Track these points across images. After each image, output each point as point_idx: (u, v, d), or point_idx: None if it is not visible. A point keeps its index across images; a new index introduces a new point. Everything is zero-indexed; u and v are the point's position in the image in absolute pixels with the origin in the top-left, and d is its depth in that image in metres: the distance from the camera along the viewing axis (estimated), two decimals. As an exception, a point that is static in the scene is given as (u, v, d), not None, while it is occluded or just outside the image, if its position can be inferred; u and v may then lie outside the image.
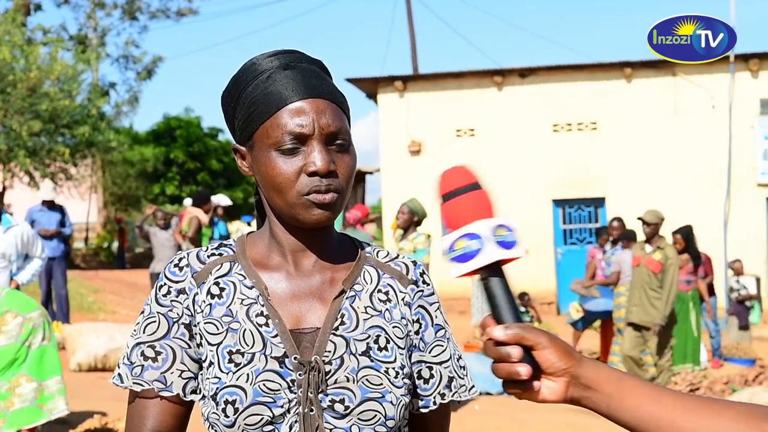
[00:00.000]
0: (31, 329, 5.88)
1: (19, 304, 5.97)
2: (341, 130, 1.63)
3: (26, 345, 5.86)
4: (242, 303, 1.64)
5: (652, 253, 9.01)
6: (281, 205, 1.63)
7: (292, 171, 1.60)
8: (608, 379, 1.36)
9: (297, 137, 1.60)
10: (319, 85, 1.64)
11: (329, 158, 1.60)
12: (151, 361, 1.62)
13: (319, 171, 1.59)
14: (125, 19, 37.76)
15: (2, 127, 22.42)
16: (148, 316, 1.66)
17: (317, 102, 1.62)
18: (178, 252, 1.76)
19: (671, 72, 19.69)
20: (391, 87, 21.00)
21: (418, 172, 20.65)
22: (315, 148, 1.60)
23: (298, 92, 1.61)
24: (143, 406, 1.63)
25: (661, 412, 1.32)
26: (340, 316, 1.65)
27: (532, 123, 20.34)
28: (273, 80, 1.63)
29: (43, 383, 5.92)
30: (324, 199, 1.60)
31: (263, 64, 1.66)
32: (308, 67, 1.67)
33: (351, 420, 1.58)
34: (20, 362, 5.84)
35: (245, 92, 1.65)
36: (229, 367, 1.58)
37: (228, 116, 1.72)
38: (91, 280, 20.05)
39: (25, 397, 5.84)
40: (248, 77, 1.66)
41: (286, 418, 1.57)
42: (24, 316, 5.89)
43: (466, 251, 1.40)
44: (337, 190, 1.62)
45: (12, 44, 22.35)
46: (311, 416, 1.57)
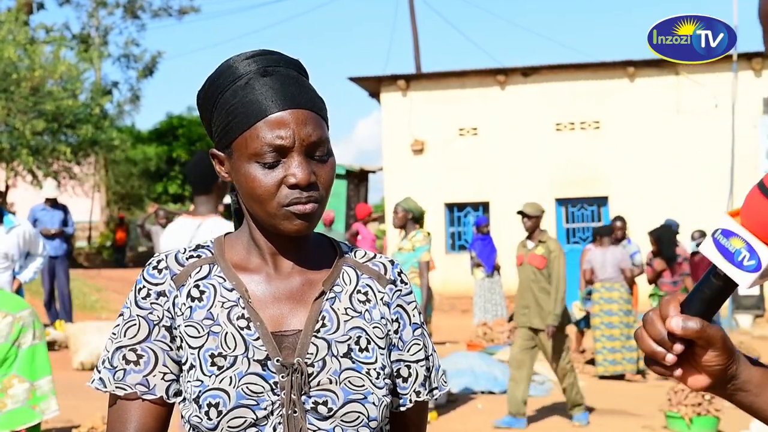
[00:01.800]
0: (20, 328, 5.84)
1: (9, 304, 5.94)
2: (321, 140, 1.62)
3: (16, 345, 5.83)
4: (223, 306, 1.63)
5: (534, 248, 8.55)
6: (261, 215, 1.63)
7: (272, 183, 1.59)
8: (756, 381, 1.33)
9: (277, 149, 1.59)
10: (298, 94, 1.62)
11: (309, 170, 1.60)
12: (133, 365, 1.62)
13: (299, 183, 1.58)
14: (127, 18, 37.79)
15: (6, 126, 22.45)
16: (128, 320, 1.65)
17: (297, 113, 1.60)
18: (156, 254, 1.74)
19: (674, 71, 19.67)
20: (394, 86, 21.01)
21: (421, 171, 20.67)
22: (295, 160, 1.59)
23: (278, 103, 1.60)
24: (125, 410, 1.62)
25: None
26: (321, 318, 1.65)
27: (535, 122, 20.33)
28: (251, 88, 1.61)
29: (34, 383, 5.90)
30: (305, 210, 1.60)
31: (240, 68, 1.64)
32: (286, 72, 1.65)
33: (334, 422, 1.59)
34: (11, 363, 5.82)
35: (223, 98, 1.63)
36: (212, 370, 1.58)
37: (204, 118, 1.71)
38: (93, 279, 20.08)
39: (18, 397, 5.82)
40: (225, 81, 1.64)
41: (269, 420, 1.57)
42: (14, 315, 5.86)
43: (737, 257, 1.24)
44: (318, 200, 1.62)
45: (16, 43, 22.38)
46: (295, 418, 1.57)
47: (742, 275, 1.23)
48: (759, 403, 1.33)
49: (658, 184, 19.52)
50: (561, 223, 20.42)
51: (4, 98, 21.97)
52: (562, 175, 20.19)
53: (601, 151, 20.04)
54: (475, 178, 20.41)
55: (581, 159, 20.11)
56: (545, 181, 20.16)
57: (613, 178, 19.96)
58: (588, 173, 20.15)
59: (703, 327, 1.25)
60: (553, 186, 20.21)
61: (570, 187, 20.25)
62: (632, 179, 19.73)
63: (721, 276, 1.26)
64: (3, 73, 21.85)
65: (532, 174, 20.18)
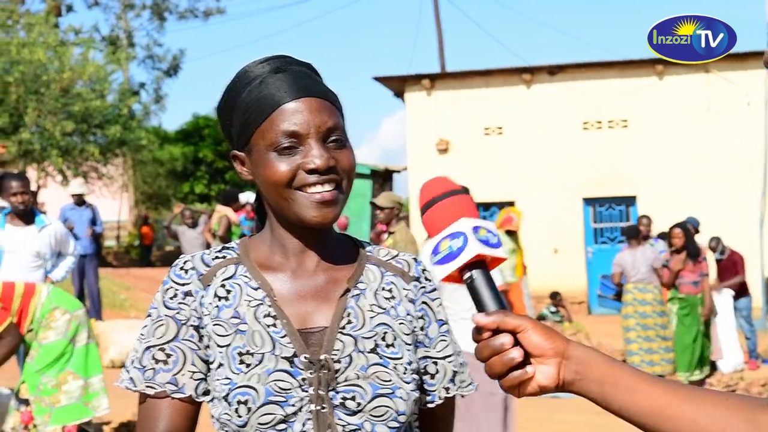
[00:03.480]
0: (77, 326, 5.99)
1: (66, 302, 6.09)
2: (337, 127, 1.65)
3: (72, 342, 5.97)
4: (249, 304, 1.66)
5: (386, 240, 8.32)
6: (282, 205, 1.65)
7: (290, 169, 1.62)
8: (600, 362, 1.36)
9: (293, 136, 1.62)
10: (311, 85, 1.67)
11: (328, 155, 1.63)
12: (162, 364, 1.64)
13: (318, 168, 1.61)
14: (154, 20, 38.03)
15: (36, 127, 22.64)
16: (156, 320, 1.68)
17: (310, 101, 1.64)
18: (182, 256, 1.78)
19: (704, 68, 19.47)
20: (419, 85, 20.99)
21: (446, 171, 20.59)
22: (312, 146, 1.62)
23: (291, 93, 1.64)
24: (154, 408, 1.64)
25: (654, 398, 1.33)
26: (346, 315, 1.67)
27: (562, 121, 20.23)
28: (265, 84, 1.65)
29: (88, 381, 6.03)
30: (324, 197, 1.62)
31: (255, 71, 1.68)
32: (298, 69, 1.70)
33: (363, 416, 1.61)
34: (66, 359, 5.95)
35: (239, 99, 1.67)
36: (240, 368, 1.60)
37: (225, 125, 1.74)
38: (122, 277, 20.19)
39: (72, 394, 5.95)
40: (241, 85, 1.68)
41: (298, 416, 1.59)
42: (71, 313, 6.00)
43: (451, 250, 1.43)
44: (338, 184, 1.64)
45: (46, 45, 22.56)
46: (323, 414, 1.59)
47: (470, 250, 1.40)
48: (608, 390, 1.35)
49: (687, 183, 19.35)
50: (588, 222, 20.32)
51: (34, 100, 22.16)
52: (590, 175, 20.07)
53: (629, 151, 19.90)
54: (500, 177, 20.34)
55: (609, 158, 19.98)
56: (572, 181, 20.06)
57: (642, 177, 19.81)
58: (616, 172, 20.02)
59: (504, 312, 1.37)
60: (581, 185, 20.10)
61: (598, 186, 20.13)
62: (661, 179, 19.58)
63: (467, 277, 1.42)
64: (33, 75, 22.04)
65: (559, 173, 20.08)
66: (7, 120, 22.15)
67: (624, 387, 1.34)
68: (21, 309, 5.93)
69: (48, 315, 5.93)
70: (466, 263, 1.41)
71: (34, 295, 5.98)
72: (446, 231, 1.45)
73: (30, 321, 5.93)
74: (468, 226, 1.44)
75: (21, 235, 7.16)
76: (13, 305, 5.92)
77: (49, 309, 5.94)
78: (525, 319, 1.36)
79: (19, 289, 5.99)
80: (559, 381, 1.36)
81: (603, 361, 1.37)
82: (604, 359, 1.37)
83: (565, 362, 1.36)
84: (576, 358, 1.36)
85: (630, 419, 1.35)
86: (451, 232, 1.44)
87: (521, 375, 1.35)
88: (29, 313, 5.93)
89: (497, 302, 1.41)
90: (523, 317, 1.37)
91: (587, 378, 1.36)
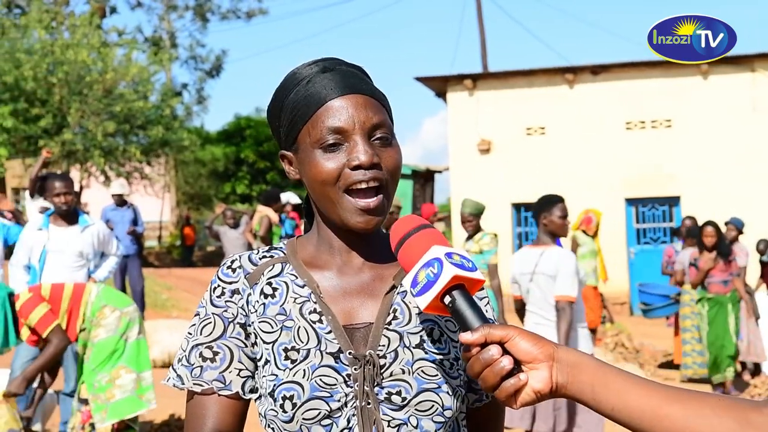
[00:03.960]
0: (127, 323, 6.06)
1: (116, 299, 6.16)
2: (382, 124, 1.64)
3: (124, 338, 6.04)
4: (295, 301, 1.66)
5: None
6: (328, 207, 1.65)
7: (335, 167, 1.62)
8: (590, 365, 1.38)
9: (338, 132, 1.61)
10: (357, 83, 1.66)
11: (372, 151, 1.62)
12: (210, 362, 1.65)
13: (362, 164, 1.60)
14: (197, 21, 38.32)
15: (79, 128, 22.88)
16: (204, 318, 1.69)
17: (356, 97, 1.64)
18: (230, 255, 1.79)
19: (750, 68, 19.28)
20: (461, 85, 20.94)
21: (488, 171, 20.56)
22: (357, 142, 1.62)
23: (337, 90, 1.64)
24: (202, 406, 1.65)
25: (646, 399, 1.34)
26: (392, 311, 1.67)
27: (605, 121, 20.09)
28: (313, 83, 1.66)
29: (140, 374, 6.10)
30: (369, 205, 1.62)
31: (303, 72, 1.69)
32: (347, 69, 1.70)
33: (409, 411, 1.60)
34: (119, 355, 6.03)
35: (287, 99, 1.68)
36: (286, 364, 1.61)
37: (274, 126, 1.75)
38: (164, 277, 20.35)
39: (125, 387, 6.03)
40: (290, 85, 1.69)
41: (343, 411, 1.59)
42: (121, 310, 6.07)
43: (429, 278, 1.45)
44: (382, 183, 1.63)
45: (90, 46, 22.80)
46: (368, 409, 1.59)
47: (447, 273, 1.43)
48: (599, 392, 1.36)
49: (731, 184, 19.14)
50: (631, 223, 20.16)
51: (77, 100, 22.40)
52: (633, 175, 19.92)
53: (673, 150, 19.72)
54: (542, 177, 20.23)
55: (652, 158, 19.81)
56: (615, 181, 19.91)
57: (686, 177, 19.63)
58: (659, 173, 19.85)
59: (488, 325, 1.39)
60: (624, 186, 19.95)
61: (641, 186, 19.97)
62: (705, 179, 19.38)
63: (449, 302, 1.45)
64: (77, 76, 22.28)
65: (602, 173, 19.95)
66: (51, 120, 22.40)
67: (615, 389, 1.35)
68: (71, 309, 5.99)
69: (98, 313, 6.00)
70: (444, 287, 1.44)
71: (83, 294, 6.04)
72: (421, 261, 1.48)
73: (81, 320, 5.99)
74: (441, 252, 1.47)
75: (64, 236, 7.22)
76: (61, 306, 5.97)
77: (99, 307, 6.01)
78: (510, 328, 1.39)
79: (67, 290, 6.06)
80: (552, 384, 1.38)
81: (593, 363, 1.39)
82: (594, 362, 1.39)
83: (556, 365, 1.38)
84: (566, 361, 1.38)
85: (622, 421, 1.36)
86: (426, 261, 1.47)
87: (515, 383, 1.37)
88: (80, 312, 5.99)
89: (481, 319, 1.43)
90: (509, 326, 1.40)
91: (578, 380, 1.38)
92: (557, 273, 6.06)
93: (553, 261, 6.11)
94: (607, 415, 1.36)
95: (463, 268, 1.45)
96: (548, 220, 6.29)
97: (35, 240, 7.19)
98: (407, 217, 1.59)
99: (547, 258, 6.14)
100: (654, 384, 1.37)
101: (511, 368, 1.36)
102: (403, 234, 1.54)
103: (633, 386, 1.35)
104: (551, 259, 6.12)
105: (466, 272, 1.45)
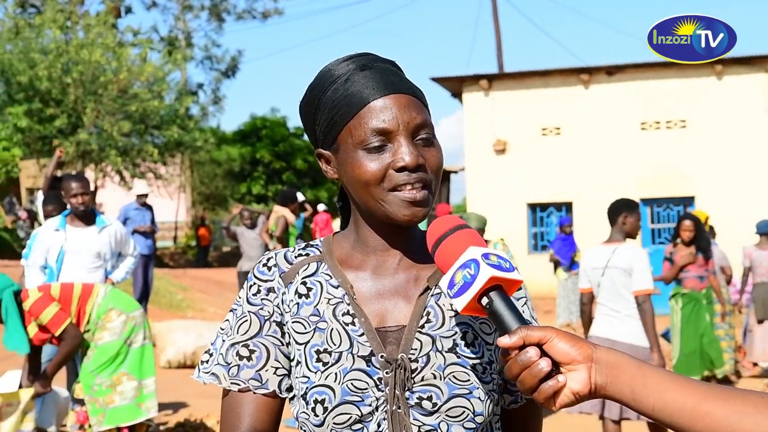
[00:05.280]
0: (132, 328, 6.04)
1: (123, 303, 6.15)
2: (425, 124, 1.63)
3: (128, 343, 6.03)
4: (329, 302, 1.65)
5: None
6: (371, 204, 1.63)
7: (379, 168, 1.59)
8: (629, 365, 1.37)
9: (382, 134, 1.59)
10: (398, 82, 1.64)
11: (417, 152, 1.60)
12: (246, 360, 1.64)
13: (408, 165, 1.58)
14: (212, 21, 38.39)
15: (94, 128, 22.94)
16: (240, 316, 1.68)
17: (399, 97, 1.61)
18: (267, 252, 1.78)
19: (764, 68, 19.23)
20: (477, 86, 20.92)
21: (503, 171, 20.54)
22: (401, 143, 1.60)
23: (379, 90, 1.61)
24: (238, 404, 1.64)
25: (685, 397, 1.32)
26: (425, 314, 1.65)
27: (620, 121, 20.06)
28: (352, 81, 1.63)
29: (142, 382, 6.08)
30: (416, 197, 1.60)
31: (339, 69, 1.66)
32: (384, 66, 1.67)
33: (439, 417, 1.58)
34: (121, 360, 6.01)
35: (325, 97, 1.65)
36: (317, 366, 1.60)
37: (308, 124, 1.72)
38: (179, 278, 20.37)
39: (126, 395, 6.01)
40: (326, 83, 1.66)
41: (374, 416, 1.57)
42: (127, 314, 6.06)
43: (466, 280, 1.44)
44: (427, 184, 1.62)
45: (104, 46, 22.84)
46: (399, 414, 1.57)
47: (483, 275, 1.42)
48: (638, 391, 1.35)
49: (746, 184, 19.10)
50: (646, 223, 20.11)
51: (92, 100, 22.45)
52: (648, 175, 19.88)
53: (687, 151, 19.68)
54: (558, 178, 20.21)
55: (667, 158, 19.77)
56: (630, 181, 19.87)
57: (700, 177, 19.59)
58: (674, 173, 19.81)
59: (526, 327, 1.39)
60: (638, 186, 19.91)
61: (655, 186, 19.93)
62: (719, 179, 19.34)
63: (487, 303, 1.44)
64: (92, 76, 22.33)
65: (617, 174, 19.91)
66: (66, 120, 22.47)
67: (654, 388, 1.34)
68: (79, 309, 5.99)
69: (104, 316, 5.99)
70: (482, 288, 1.43)
71: (90, 296, 6.04)
72: (458, 262, 1.47)
73: (87, 322, 5.99)
74: (477, 253, 1.46)
75: (82, 236, 7.21)
76: (71, 306, 5.98)
77: (105, 310, 6.00)
78: (548, 330, 1.38)
79: (77, 290, 6.06)
80: (591, 386, 1.37)
81: (631, 363, 1.37)
82: (632, 361, 1.38)
83: (594, 366, 1.37)
84: (605, 362, 1.37)
85: (662, 420, 1.35)
86: (463, 263, 1.46)
87: (554, 385, 1.36)
88: (86, 314, 5.99)
89: (519, 320, 1.42)
90: (547, 328, 1.39)
91: (618, 380, 1.36)
92: (632, 268, 6.38)
93: (628, 256, 6.42)
94: (648, 414, 1.35)
95: (500, 269, 1.44)
96: (629, 221, 6.66)
97: (52, 241, 7.18)
98: (444, 217, 1.58)
99: (620, 254, 6.45)
100: (694, 382, 1.36)
101: (550, 370, 1.35)
102: (440, 235, 1.53)
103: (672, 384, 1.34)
104: (625, 255, 6.43)
105: (504, 273, 1.44)
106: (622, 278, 6.41)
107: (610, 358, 1.37)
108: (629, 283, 6.37)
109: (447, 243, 1.51)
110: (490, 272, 1.42)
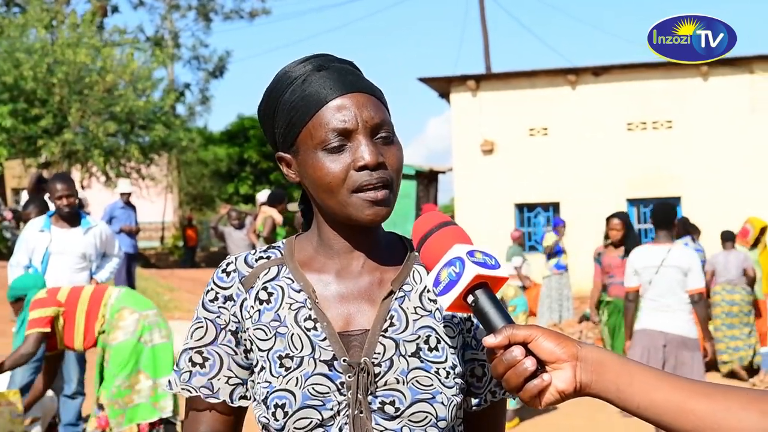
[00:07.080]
0: (145, 326, 6.00)
1: (136, 302, 6.11)
2: (384, 122, 1.62)
3: (142, 342, 5.99)
4: (290, 308, 1.63)
5: None
6: (333, 206, 1.61)
7: (340, 169, 1.58)
8: (614, 363, 1.37)
9: (341, 133, 1.58)
10: (355, 81, 1.63)
11: (377, 151, 1.59)
12: (199, 367, 1.65)
13: (368, 164, 1.57)
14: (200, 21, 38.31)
15: (80, 128, 22.84)
16: (196, 322, 1.67)
17: (357, 96, 1.60)
18: (228, 257, 1.76)
19: (749, 69, 19.32)
20: (464, 86, 20.94)
21: (491, 172, 20.56)
22: (361, 142, 1.58)
23: (336, 89, 1.60)
24: (197, 411, 1.66)
25: (671, 395, 1.33)
26: (389, 318, 1.63)
27: (606, 122, 20.13)
28: (309, 82, 1.62)
29: (156, 381, 6.05)
30: (377, 197, 1.58)
31: (296, 71, 1.65)
32: (341, 66, 1.66)
33: (402, 422, 1.57)
34: (138, 359, 5.98)
35: (282, 99, 1.64)
36: (280, 372, 1.58)
37: (267, 127, 1.71)
38: (166, 278, 20.31)
39: (143, 393, 5.99)
40: (283, 85, 1.65)
41: (335, 420, 1.56)
42: (140, 312, 6.02)
43: (451, 278, 1.44)
44: (388, 183, 1.60)
45: (89, 46, 22.75)
46: (361, 418, 1.56)
47: (469, 273, 1.42)
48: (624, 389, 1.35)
49: (731, 184, 19.19)
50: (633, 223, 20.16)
51: (78, 100, 22.36)
52: (634, 176, 19.95)
53: (673, 151, 19.75)
54: (545, 178, 20.25)
55: (653, 159, 19.84)
56: (617, 182, 19.94)
57: (686, 178, 19.68)
58: (660, 173, 19.88)
59: (512, 326, 1.38)
60: (625, 186, 19.98)
61: (642, 187, 19.99)
62: (705, 179, 19.43)
63: (472, 300, 1.43)
64: (77, 76, 22.23)
65: (604, 174, 19.97)
66: (51, 121, 22.36)
67: (640, 386, 1.34)
68: (89, 311, 5.94)
69: (117, 315, 5.95)
70: (467, 287, 1.43)
71: (103, 297, 6.01)
72: (443, 260, 1.46)
73: (101, 323, 5.95)
74: (462, 251, 1.45)
75: (67, 237, 7.18)
76: (78, 308, 5.93)
77: (117, 309, 5.96)
78: (534, 328, 1.38)
79: (86, 293, 6.01)
80: (576, 384, 1.37)
81: (617, 360, 1.37)
82: (617, 359, 1.38)
83: (580, 365, 1.37)
84: (590, 360, 1.37)
85: (648, 417, 1.35)
86: (448, 260, 1.45)
87: (539, 384, 1.36)
88: (99, 315, 5.95)
89: (504, 318, 1.42)
90: (532, 326, 1.39)
91: (603, 379, 1.36)
92: (689, 268, 6.83)
93: (685, 256, 6.88)
94: (633, 412, 1.35)
95: (486, 266, 1.43)
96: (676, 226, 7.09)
97: (37, 242, 7.15)
98: (430, 214, 1.58)
99: (675, 254, 6.86)
100: (680, 379, 1.36)
101: (535, 369, 1.35)
102: (426, 231, 1.53)
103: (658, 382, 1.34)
104: (681, 255, 6.87)
105: (489, 270, 1.43)
106: (678, 276, 6.81)
107: (596, 356, 1.37)
108: (683, 281, 6.80)
109: (432, 240, 1.51)
110: (475, 270, 1.42)
